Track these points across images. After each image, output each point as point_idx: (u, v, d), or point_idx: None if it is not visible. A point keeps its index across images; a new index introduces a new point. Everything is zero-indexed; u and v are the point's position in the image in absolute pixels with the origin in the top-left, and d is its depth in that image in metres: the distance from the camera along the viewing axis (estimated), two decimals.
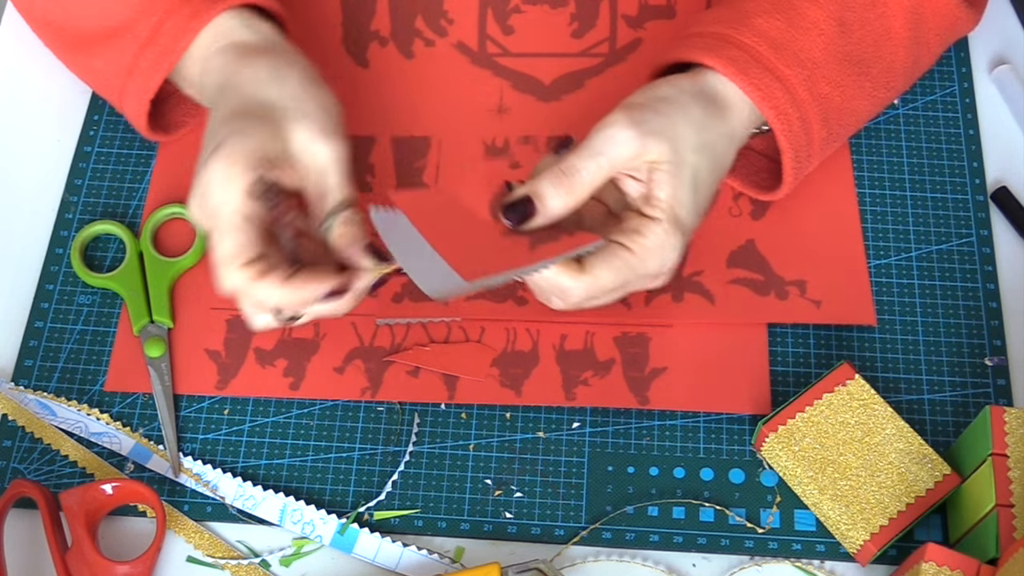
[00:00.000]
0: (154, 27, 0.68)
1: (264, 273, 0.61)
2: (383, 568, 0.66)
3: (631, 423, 0.70)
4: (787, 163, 0.69)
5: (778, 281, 0.73)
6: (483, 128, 0.79)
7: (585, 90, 0.80)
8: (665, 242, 0.63)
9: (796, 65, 0.67)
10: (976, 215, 0.76)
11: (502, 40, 0.82)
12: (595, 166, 0.63)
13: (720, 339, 0.72)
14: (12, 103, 0.81)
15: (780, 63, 0.67)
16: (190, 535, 0.67)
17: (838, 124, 0.70)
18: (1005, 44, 0.83)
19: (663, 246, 0.63)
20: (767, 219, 0.75)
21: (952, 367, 0.71)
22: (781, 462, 0.67)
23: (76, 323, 0.73)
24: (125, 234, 0.74)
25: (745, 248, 0.74)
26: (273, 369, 0.71)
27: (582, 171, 0.63)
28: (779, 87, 0.67)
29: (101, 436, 0.69)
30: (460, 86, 0.80)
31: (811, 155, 0.70)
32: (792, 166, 0.69)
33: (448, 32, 0.82)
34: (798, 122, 0.68)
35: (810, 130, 0.68)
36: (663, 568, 0.66)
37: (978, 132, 0.79)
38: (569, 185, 0.63)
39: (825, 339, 0.72)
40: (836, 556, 0.66)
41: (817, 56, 0.68)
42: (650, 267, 0.64)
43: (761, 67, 0.67)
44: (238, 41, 0.68)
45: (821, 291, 0.73)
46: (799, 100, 0.67)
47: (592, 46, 0.81)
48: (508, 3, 0.83)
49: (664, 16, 0.83)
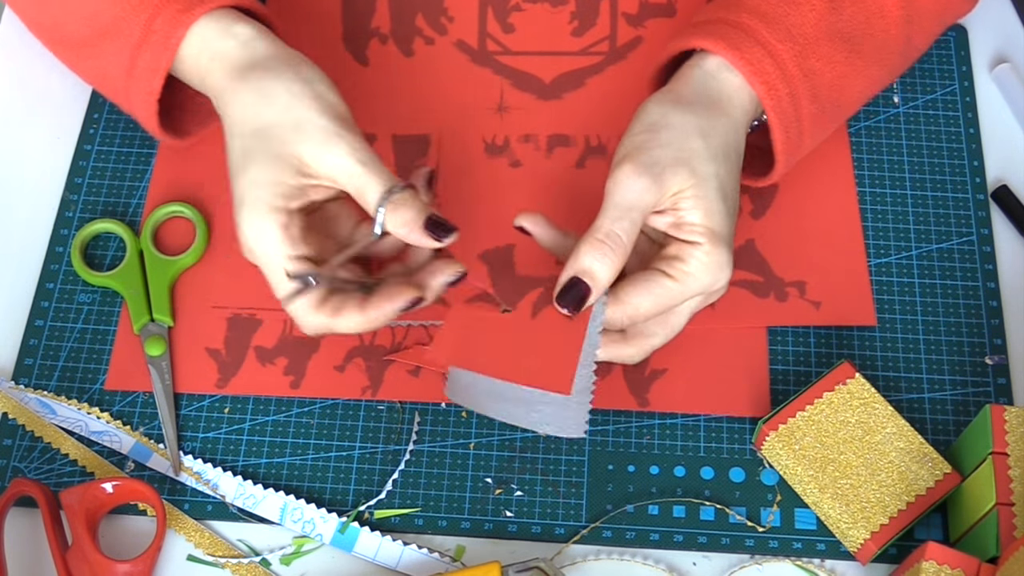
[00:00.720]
0: (145, 24, 0.67)
1: (339, 309, 0.63)
2: (383, 567, 0.66)
3: (631, 422, 0.70)
4: (777, 139, 0.68)
5: (778, 282, 0.73)
6: (483, 126, 0.79)
7: (585, 88, 0.80)
8: (711, 261, 0.63)
9: (788, 40, 0.67)
10: (976, 214, 0.76)
11: (502, 38, 0.82)
12: (629, 224, 0.62)
13: (720, 340, 0.72)
14: (12, 103, 0.81)
15: (772, 37, 0.66)
16: (190, 534, 0.67)
17: (829, 101, 0.69)
18: (1005, 43, 0.83)
19: (709, 265, 0.63)
20: (767, 218, 0.75)
21: (952, 366, 0.71)
22: (781, 461, 0.67)
23: (76, 322, 0.73)
24: (125, 232, 0.74)
25: (745, 248, 0.74)
26: (273, 368, 0.71)
27: (620, 234, 0.62)
28: (770, 62, 0.66)
29: (101, 435, 0.69)
30: (460, 84, 0.80)
31: (802, 132, 0.69)
32: (782, 141, 0.68)
33: (448, 30, 0.82)
34: (787, 98, 0.67)
35: (799, 105, 0.68)
36: (663, 567, 0.66)
37: (978, 131, 0.79)
38: (612, 251, 0.61)
39: (825, 338, 0.72)
40: (836, 555, 0.66)
41: (808, 31, 0.67)
42: (701, 286, 0.63)
43: (752, 41, 0.66)
44: (220, 54, 0.67)
45: (821, 292, 0.73)
46: (789, 75, 0.67)
47: (592, 44, 0.81)
48: (508, 1, 0.83)
49: (665, 14, 0.82)
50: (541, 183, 0.76)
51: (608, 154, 0.77)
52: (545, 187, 0.76)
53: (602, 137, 0.78)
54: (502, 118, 0.79)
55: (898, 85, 0.80)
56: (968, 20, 0.83)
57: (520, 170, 0.77)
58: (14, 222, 0.76)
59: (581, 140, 0.78)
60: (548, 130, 0.78)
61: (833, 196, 0.76)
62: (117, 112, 0.79)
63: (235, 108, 0.65)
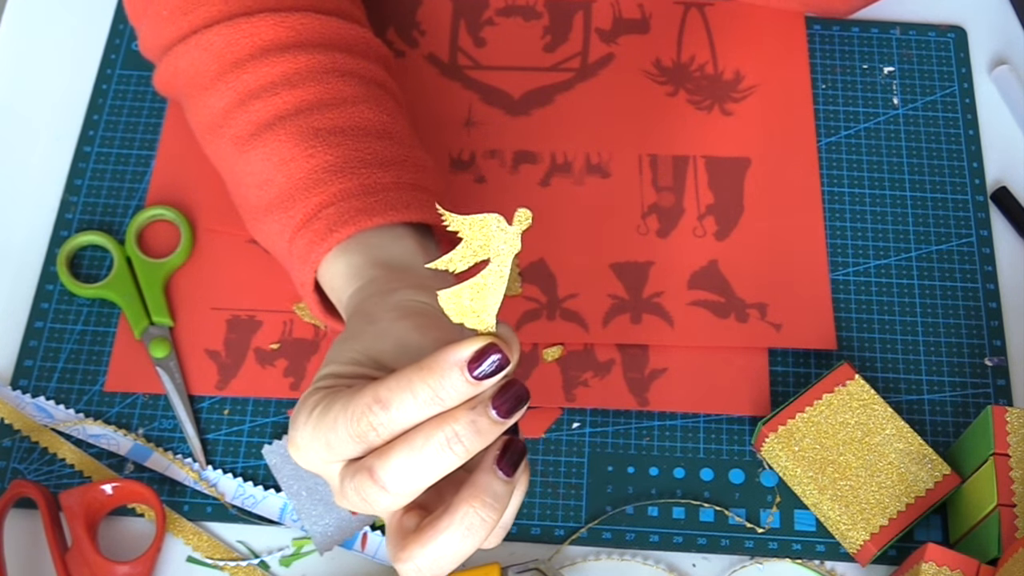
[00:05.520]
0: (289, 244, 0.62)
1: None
2: (383, 566, 0.66)
3: (631, 423, 0.70)
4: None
5: (739, 303, 0.73)
6: (450, 141, 0.78)
7: (554, 105, 0.79)
8: None
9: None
10: (976, 215, 0.76)
11: (473, 52, 0.81)
12: None
13: (720, 341, 0.72)
14: (12, 103, 0.81)
15: None
16: (188, 537, 0.66)
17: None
18: (1005, 44, 0.83)
19: None
20: (731, 240, 0.75)
21: (952, 367, 0.71)
22: (781, 462, 0.67)
23: (76, 323, 0.73)
24: (109, 242, 0.74)
25: (707, 269, 0.74)
26: (273, 369, 0.71)
27: None
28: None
29: (99, 438, 0.69)
30: (429, 98, 0.79)
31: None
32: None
33: (419, 43, 0.82)
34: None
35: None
36: (663, 567, 0.66)
37: (978, 132, 0.79)
38: None
39: None
40: (836, 556, 0.66)
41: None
42: None
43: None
44: (337, 291, 0.61)
45: (782, 314, 0.72)
46: None
47: (563, 60, 0.81)
48: (481, 15, 0.83)
49: (638, 31, 0.82)
50: (504, 199, 0.76)
51: (573, 173, 0.77)
52: (509, 204, 0.76)
53: (568, 155, 0.77)
54: (469, 133, 0.78)
55: (898, 86, 0.80)
56: (968, 21, 0.83)
57: (484, 186, 0.76)
58: (13, 223, 0.76)
59: (547, 157, 0.77)
60: (514, 146, 0.78)
61: (799, 219, 0.75)
62: (117, 113, 0.79)
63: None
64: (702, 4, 0.83)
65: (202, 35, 0.65)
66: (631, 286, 0.73)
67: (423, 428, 0.47)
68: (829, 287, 0.73)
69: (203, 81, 0.66)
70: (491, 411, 0.46)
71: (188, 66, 0.66)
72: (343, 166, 0.62)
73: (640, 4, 0.83)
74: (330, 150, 0.62)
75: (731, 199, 0.76)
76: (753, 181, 0.77)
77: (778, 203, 0.76)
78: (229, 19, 0.65)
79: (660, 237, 0.75)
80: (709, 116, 0.79)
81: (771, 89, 0.80)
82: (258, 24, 0.65)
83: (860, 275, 0.74)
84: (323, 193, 0.61)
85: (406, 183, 0.63)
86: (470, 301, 0.46)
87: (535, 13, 0.83)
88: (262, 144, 0.63)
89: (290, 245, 0.62)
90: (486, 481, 0.48)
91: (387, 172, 0.63)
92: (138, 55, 0.81)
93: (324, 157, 0.62)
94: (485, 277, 0.46)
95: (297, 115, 0.63)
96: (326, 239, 0.60)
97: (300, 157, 0.62)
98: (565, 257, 0.74)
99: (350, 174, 0.62)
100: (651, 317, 0.72)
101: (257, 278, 0.74)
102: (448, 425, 0.46)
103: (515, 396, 0.47)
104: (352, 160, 0.62)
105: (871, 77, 0.81)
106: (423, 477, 0.47)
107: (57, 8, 0.84)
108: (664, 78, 0.80)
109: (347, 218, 0.60)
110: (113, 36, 0.82)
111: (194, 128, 0.69)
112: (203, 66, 0.65)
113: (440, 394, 0.46)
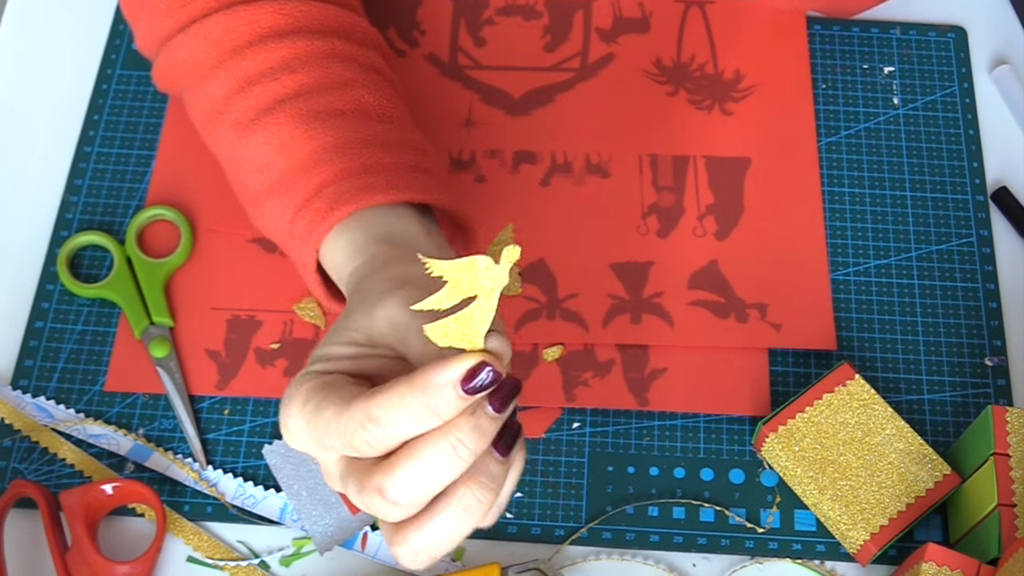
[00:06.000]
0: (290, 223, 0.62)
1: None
2: (384, 566, 0.66)
3: (631, 423, 0.70)
4: None
5: (739, 303, 0.72)
6: (450, 140, 0.78)
7: (554, 105, 0.79)
8: None
9: None
10: (976, 215, 0.76)
11: (474, 52, 0.81)
12: None
13: (720, 341, 0.72)
14: (12, 103, 0.81)
15: None
16: (189, 537, 0.67)
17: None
18: (1005, 44, 0.83)
19: None
20: (731, 240, 0.75)
21: (952, 367, 0.71)
22: (781, 462, 0.67)
23: (76, 323, 0.73)
24: (109, 242, 0.74)
25: (707, 269, 0.74)
26: (273, 369, 0.71)
27: None
28: None
29: (99, 438, 0.69)
30: (429, 98, 0.79)
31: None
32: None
33: (420, 43, 0.82)
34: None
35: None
36: (664, 567, 0.66)
37: (978, 132, 0.79)
38: None
39: None
40: (836, 556, 0.66)
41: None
42: None
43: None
44: (337, 268, 0.61)
45: (782, 314, 0.72)
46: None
47: (563, 60, 0.81)
48: (481, 15, 0.82)
49: (638, 30, 0.82)
50: (505, 199, 0.76)
51: (573, 172, 0.77)
52: (509, 203, 0.76)
53: (568, 155, 0.77)
54: (469, 133, 0.78)
55: (898, 86, 0.80)
56: (968, 21, 0.83)
57: (484, 185, 0.76)
58: (14, 223, 0.76)
59: (547, 157, 0.77)
60: (515, 146, 0.78)
61: (799, 219, 0.75)
62: (117, 113, 0.79)
63: None
64: (702, 2, 0.83)
65: (201, 24, 0.65)
66: (631, 286, 0.73)
67: (426, 440, 0.47)
68: (829, 287, 0.73)
69: (203, 70, 0.66)
70: (489, 409, 0.47)
71: (187, 56, 0.66)
72: (343, 147, 0.62)
73: (640, 3, 0.83)
74: (330, 132, 0.62)
75: (731, 199, 0.76)
76: (753, 181, 0.77)
77: (778, 203, 0.76)
78: (227, 8, 0.65)
79: (660, 237, 0.75)
80: (709, 116, 0.79)
81: (771, 89, 0.80)
82: (256, 11, 0.65)
83: (860, 275, 0.74)
84: (324, 173, 0.61)
85: (407, 164, 0.63)
86: (457, 328, 0.46)
87: (535, 13, 0.83)
88: (262, 128, 0.63)
89: (291, 226, 0.62)
90: (482, 462, 0.48)
91: (388, 153, 0.63)
92: (138, 55, 0.81)
93: (324, 138, 0.62)
94: (472, 310, 0.45)
95: (297, 99, 0.63)
96: (327, 217, 0.60)
97: (300, 139, 0.62)
98: (565, 257, 0.74)
99: (351, 154, 0.62)
100: (651, 317, 0.72)
101: (257, 278, 0.74)
102: (452, 434, 0.47)
103: (509, 390, 0.47)
104: (353, 141, 0.62)
105: (871, 77, 0.81)
106: (432, 486, 0.47)
107: (57, 8, 0.84)
108: (664, 78, 0.80)
109: (348, 196, 0.60)
110: (113, 36, 0.83)
111: (194, 119, 0.69)
112: (202, 55, 0.66)
113: (436, 411, 0.46)
